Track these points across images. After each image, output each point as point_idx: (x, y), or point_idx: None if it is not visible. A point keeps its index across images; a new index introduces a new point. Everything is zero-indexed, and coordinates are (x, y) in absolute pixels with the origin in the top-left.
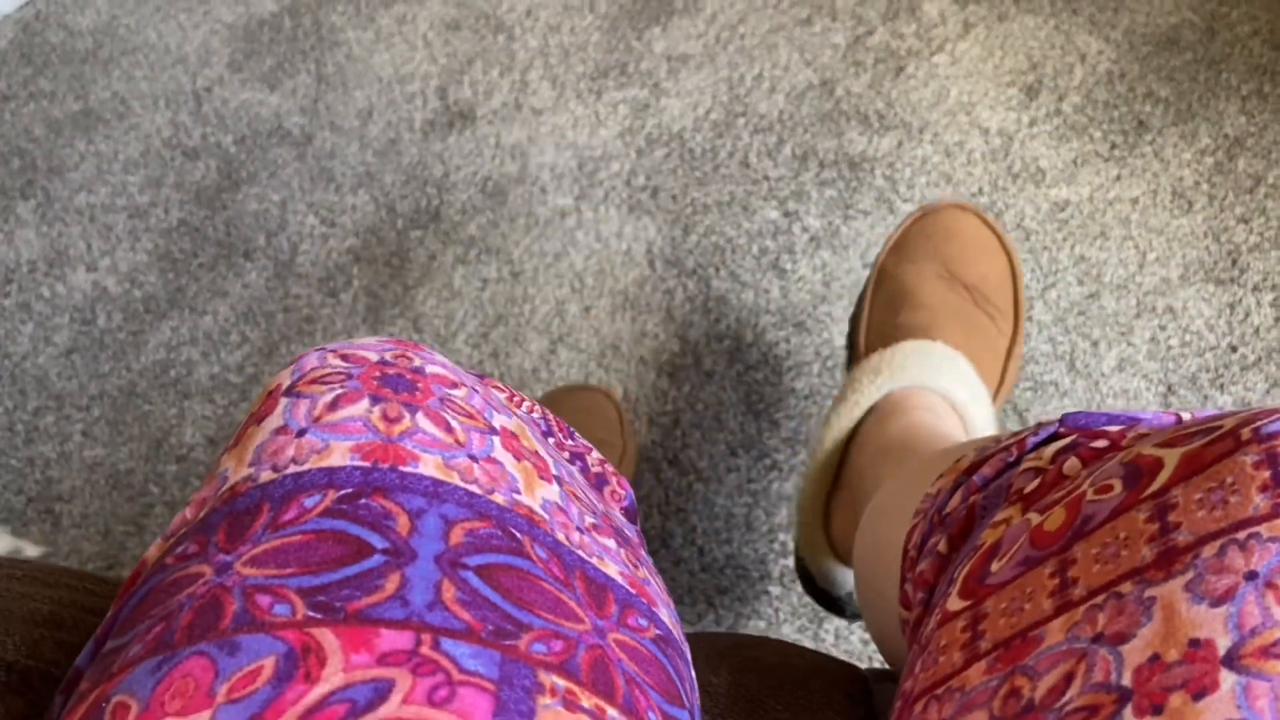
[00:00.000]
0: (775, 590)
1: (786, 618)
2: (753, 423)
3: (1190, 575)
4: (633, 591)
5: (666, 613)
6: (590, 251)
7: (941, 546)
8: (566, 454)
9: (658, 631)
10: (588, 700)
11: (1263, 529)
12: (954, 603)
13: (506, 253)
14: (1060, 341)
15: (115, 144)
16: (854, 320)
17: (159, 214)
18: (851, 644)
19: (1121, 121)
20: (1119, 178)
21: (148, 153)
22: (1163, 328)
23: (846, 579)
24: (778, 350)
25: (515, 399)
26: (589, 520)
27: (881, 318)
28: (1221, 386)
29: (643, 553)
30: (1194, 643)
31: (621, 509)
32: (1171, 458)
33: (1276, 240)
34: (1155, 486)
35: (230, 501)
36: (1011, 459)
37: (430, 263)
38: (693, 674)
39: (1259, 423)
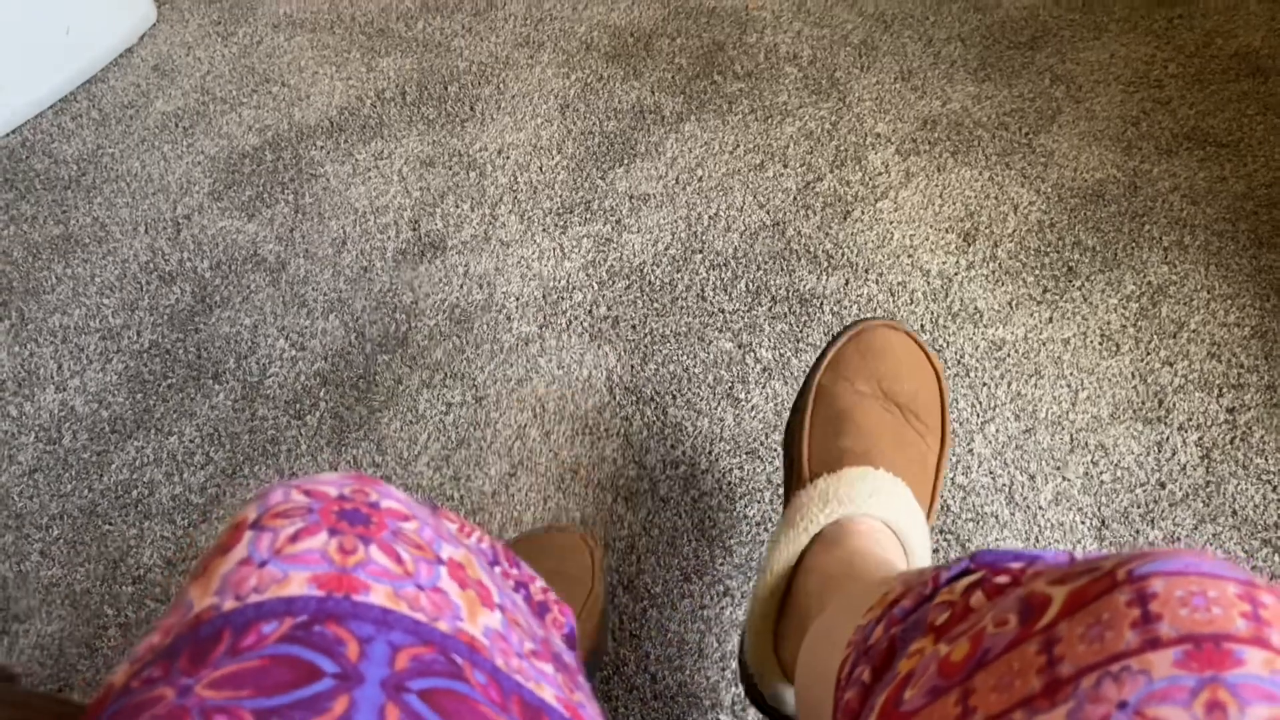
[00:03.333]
0: (726, 719)
1: None
2: (706, 549)
3: (1072, 705)
4: (567, 715)
5: None
6: (552, 378)
7: (865, 676)
8: (511, 582)
9: None
10: None
11: (1133, 662)
12: None
13: (471, 378)
14: (999, 474)
15: (93, 267)
16: (792, 434)
17: (131, 336)
18: None
19: (1052, 267)
20: (1051, 320)
21: (124, 276)
22: (1095, 463)
23: (790, 697)
24: (731, 477)
25: (465, 530)
26: (528, 646)
27: (824, 441)
28: (1152, 521)
29: (580, 678)
30: None
31: (562, 635)
32: (1059, 595)
33: (1199, 383)
34: (1044, 621)
35: (195, 628)
36: (927, 593)
37: (396, 386)
38: None
39: (1132, 565)
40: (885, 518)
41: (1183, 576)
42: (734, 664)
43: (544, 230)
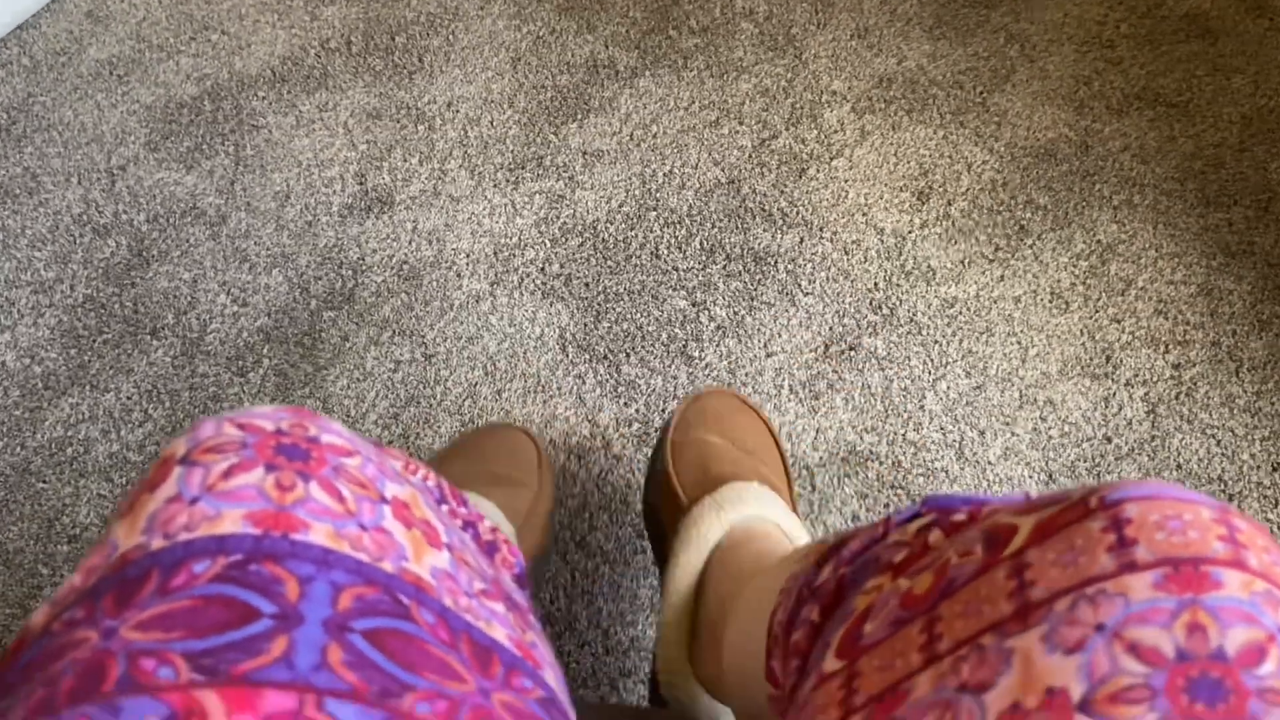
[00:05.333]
0: None
1: None
2: None
3: (1045, 627)
4: (518, 654)
5: (552, 675)
6: (503, 335)
7: (814, 615)
8: (459, 521)
9: (542, 693)
10: None
11: (1109, 585)
12: (830, 664)
13: (420, 335)
14: (950, 430)
15: (24, 219)
16: (656, 493)
17: (64, 290)
18: None
19: (1004, 226)
20: (1003, 278)
21: (56, 229)
22: (1043, 419)
23: (713, 709)
24: None
25: (411, 467)
26: (478, 585)
27: (693, 478)
28: (1098, 475)
29: (531, 618)
30: (1050, 691)
31: (512, 575)
32: (1026, 524)
33: (1146, 339)
34: (1012, 549)
35: (120, 569)
36: (879, 535)
37: (343, 344)
38: None
39: (1104, 493)
40: (773, 518)
41: (1157, 500)
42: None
43: (495, 186)
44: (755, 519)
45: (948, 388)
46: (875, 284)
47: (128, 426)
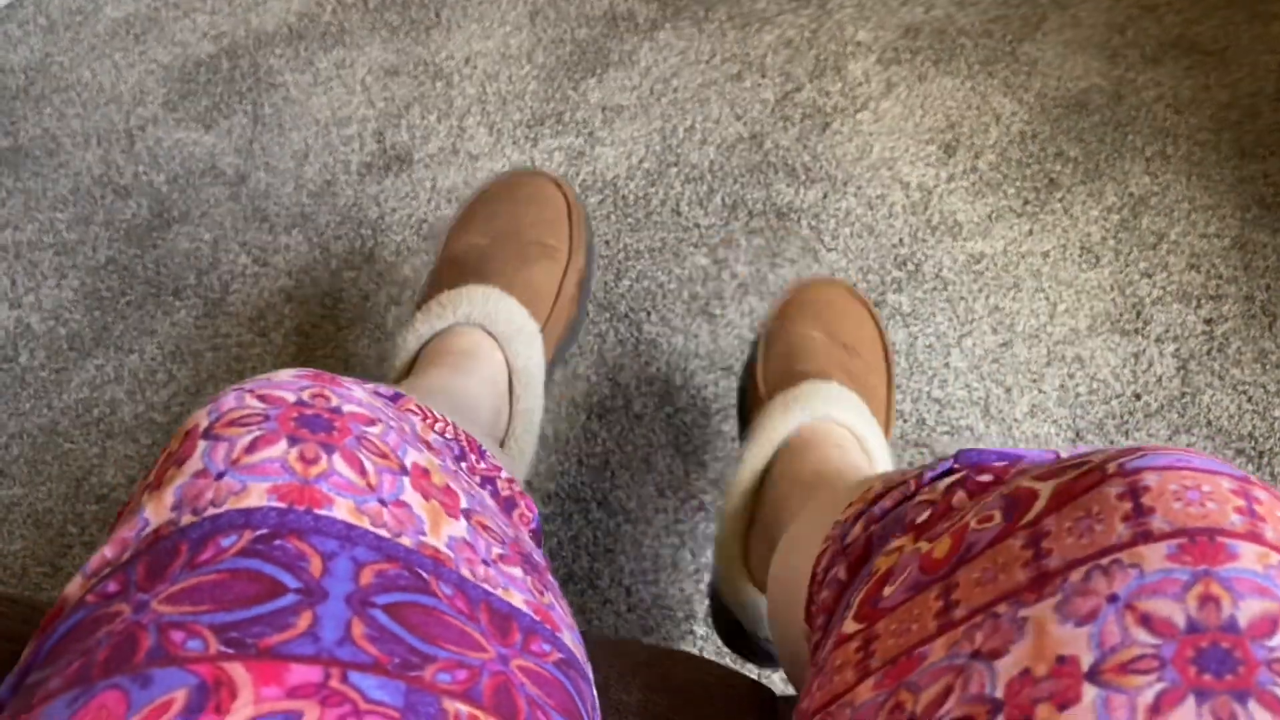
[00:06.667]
0: (701, 630)
1: (710, 657)
2: (681, 464)
3: (1059, 598)
4: (537, 618)
5: (570, 636)
6: None
7: (841, 574)
8: (478, 477)
9: (560, 655)
10: None
11: (1124, 555)
12: (849, 625)
13: None
14: (975, 388)
15: (44, 181)
16: (746, 379)
17: (87, 251)
18: (772, 681)
19: (1033, 179)
20: (1031, 232)
21: (77, 190)
22: (1071, 376)
23: (760, 622)
24: (706, 393)
25: (429, 419)
26: (496, 551)
27: (777, 368)
28: (1126, 433)
29: (549, 577)
30: (1060, 659)
31: (530, 531)
32: (1046, 490)
33: (1178, 294)
34: (1030, 516)
35: (152, 544)
36: (909, 492)
37: (363, 303)
38: (594, 694)
39: (1124, 459)
40: (846, 422)
41: (1176, 470)
42: (709, 577)
43: (514, 143)
44: (825, 419)
45: (974, 344)
46: (900, 239)
47: (152, 387)
